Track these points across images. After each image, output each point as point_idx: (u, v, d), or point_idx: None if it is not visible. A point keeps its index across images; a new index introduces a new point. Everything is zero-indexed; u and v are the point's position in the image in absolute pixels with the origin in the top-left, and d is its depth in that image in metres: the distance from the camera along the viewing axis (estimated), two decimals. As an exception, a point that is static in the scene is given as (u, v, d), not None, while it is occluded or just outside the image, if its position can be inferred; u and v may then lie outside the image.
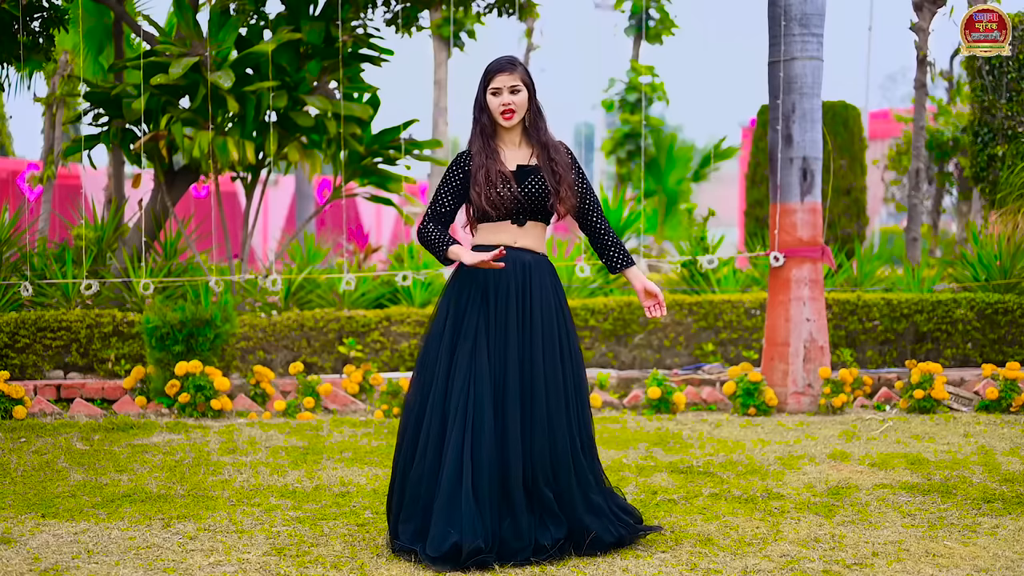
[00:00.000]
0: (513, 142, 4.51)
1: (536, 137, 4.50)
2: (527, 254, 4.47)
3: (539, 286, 4.43)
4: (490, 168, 4.40)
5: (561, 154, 4.51)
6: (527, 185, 4.43)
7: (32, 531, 4.67)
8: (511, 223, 4.45)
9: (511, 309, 4.38)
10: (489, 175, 4.39)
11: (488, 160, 4.42)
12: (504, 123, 4.44)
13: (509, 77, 4.41)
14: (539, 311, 4.41)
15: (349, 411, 7.75)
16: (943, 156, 14.41)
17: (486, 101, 4.45)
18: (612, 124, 21.71)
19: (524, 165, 4.47)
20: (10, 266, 8.92)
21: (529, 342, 4.37)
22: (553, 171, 4.45)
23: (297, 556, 4.34)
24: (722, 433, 7.03)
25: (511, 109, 4.42)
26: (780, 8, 7.79)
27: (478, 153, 4.45)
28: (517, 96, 4.42)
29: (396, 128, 9.19)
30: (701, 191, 20.70)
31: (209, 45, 8.48)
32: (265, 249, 17.44)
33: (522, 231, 4.46)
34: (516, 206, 4.42)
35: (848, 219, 12.73)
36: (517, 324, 4.37)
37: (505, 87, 4.41)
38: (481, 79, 4.47)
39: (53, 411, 7.49)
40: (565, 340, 4.45)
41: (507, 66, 4.43)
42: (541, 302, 4.42)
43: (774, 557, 4.35)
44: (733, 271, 9.89)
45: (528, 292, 4.41)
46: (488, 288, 4.41)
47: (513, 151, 4.50)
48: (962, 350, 8.74)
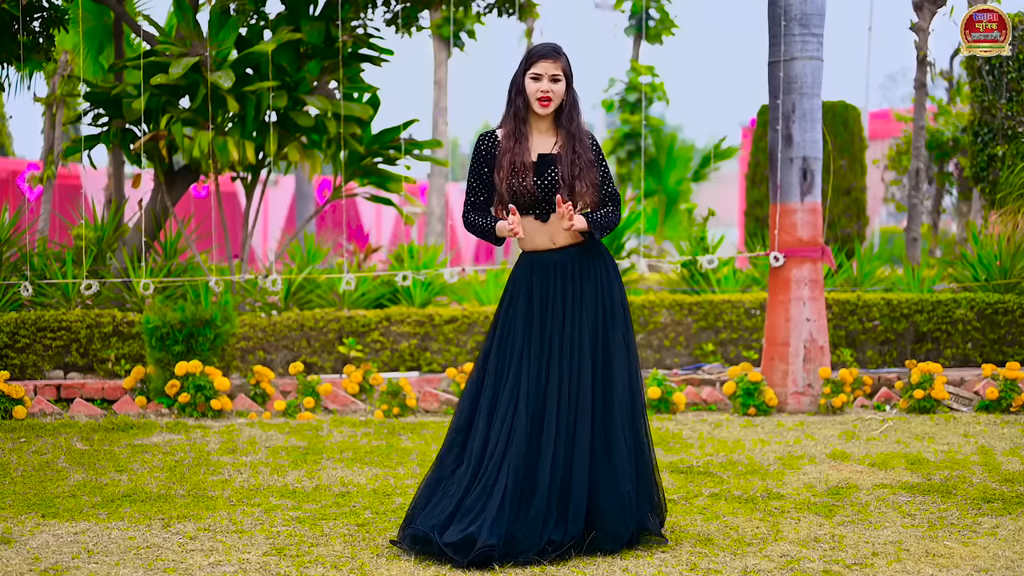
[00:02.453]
0: (543, 129, 4.48)
1: (567, 127, 4.46)
2: (568, 254, 4.43)
3: (590, 286, 4.41)
4: (516, 154, 4.39)
5: (586, 147, 4.44)
6: (546, 176, 4.41)
7: (32, 531, 4.67)
8: (534, 218, 4.43)
9: (556, 317, 4.37)
10: (514, 162, 4.38)
11: (516, 145, 4.40)
12: (540, 110, 4.41)
13: (552, 65, 4.39)
14: (590, 314, 4.40)
15: (349, 411, 7.75)
16: (943, 156, 14.41)
17: (524, 84, 4.41)
18: (612, 124, 21.72)
19: (545, 154, 4.44)
20: (10, 266, 8.92)
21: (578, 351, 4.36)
22: (574, 162, 4.40)
23: (297, 556, 4.34)
24: (722, 433, 7.03)
25: (548, 97, 4.39)
26: (780, 8, 7.79)
27: (507, 137, 4.43)
28: (556, 85, 4.40)
29: (396, 128, 9.19)
30: (701, 191, 20.71)
31: (209, 45, 8.48)
32: (265, 249, 17.44)
33: (548, 227, 4.43)
34: (532, 200, 4.41)
35: (848, 219, 12.73)
36: (561, 330, 4.37)
37: (547, 74, 4.38)
38: (523, 61, 4.43)
39: (53, 411, 7.49)
40: (613, 338, 4.41)
41: (552, 53, 4.40)
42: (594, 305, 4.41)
43: (774, 557, 4.35)
44: (733, 271, 9.89)
45: (579, 295, 4.40)
46: (534, 297, 4.41)
47: (540, 138, 4.47)
48: (962, 350, 8.74)
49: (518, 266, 4.50)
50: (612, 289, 4.47)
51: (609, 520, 4.34)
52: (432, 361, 8.45)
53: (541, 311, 4.39)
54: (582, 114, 4.50)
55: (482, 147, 4.48)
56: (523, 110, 4.43)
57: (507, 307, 4.47)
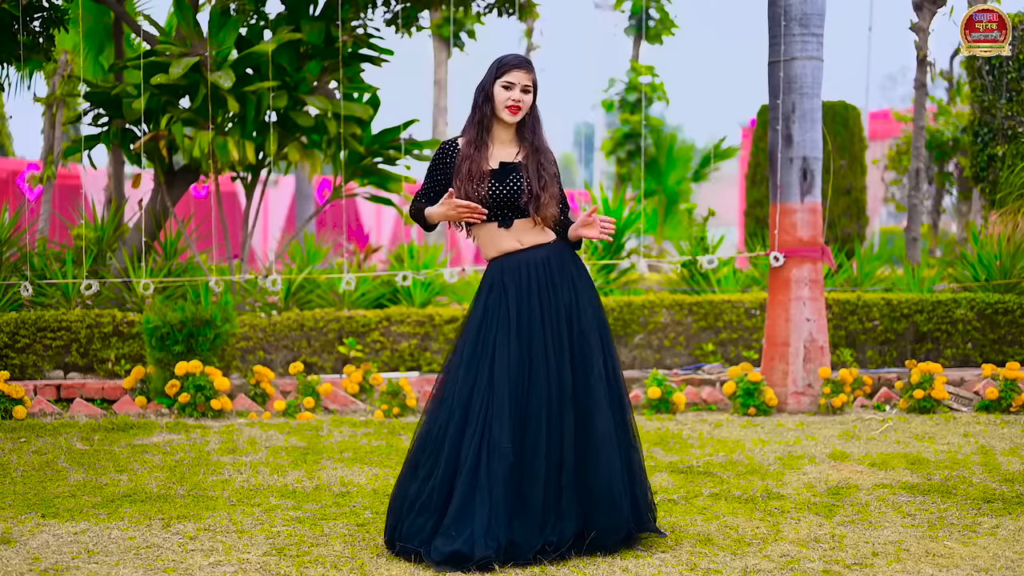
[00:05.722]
0: (504, 139, 4.50)
1: (530, 138, 4.49)
2: (539, 251, 4.45)
3: (564, 283, 4.42)
4: (475, 161, 4.41)
5: (550, 161, 4.50)
6: (509, 183, 4.42)
7: (32, 531, 4.67)
8: (497, 225, 4.44)
9: (534, 313, 4.36)
10: (471, 170, 4.41)
11: (475, 152, 4.43)
12: (508, 118, 4.43)
13: (526, 75, 4.42)
14: (565, 310, 4.39)
15: (349, 411, 7.75)
16: (943, 156, 14.42)
17: (493, 91, 4.43)
18: (612, 124, 21.72)
19: (508, 162, 4.46)
20: (10, 266, 8.92)
21: (557, 347, 4.35)
22: (539, 175, 4.44)
23: (297, 556, 4.34)
24: (722, 433, 7.03)
25: (519, 106, 4.42)
26: (780, 8, 7.79)
27: (468, 144, 4.46)
28: (527, 96, 4.43)
29: (396, 128, 9.19)
30: (701, 191, 20.70)
31: (209, 45, 8.48)
32: (265, 249, 17.43)
33: (513, 232, 4.45)
34: (494, 203, 4.41)
35: (848, 219, 12.74)
36: (541, 326, 4.36)
37: (519, 83, 4.41)
38: (494, 69, 4.44)
39: (53, 411, 7.49)
40: (590, 330, 4.42)
41: (526, 63, 4.45)
42: (568, 300, 4.41)
43: (774, 557, 4.35)
44: (733, 271, 9.89)
45: (551, 291, 4.40)
46: (509, 294, 4.39)
47: (502, 148, 4.49)
48: (962, 350, 8.74)
49: (488, 271, 4.49)
50: (584, 283, 4.49)
51: (606, 516, 4.34)
52: (432, 361, 8.45)
53: (518, 308, 4.37)
54: (544, 130, 4.55)
55: (442, 153, 4.54)
56: (489, 117, 4.46)
57: (482, 310, 4.42)
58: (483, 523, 4.16)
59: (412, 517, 4.30)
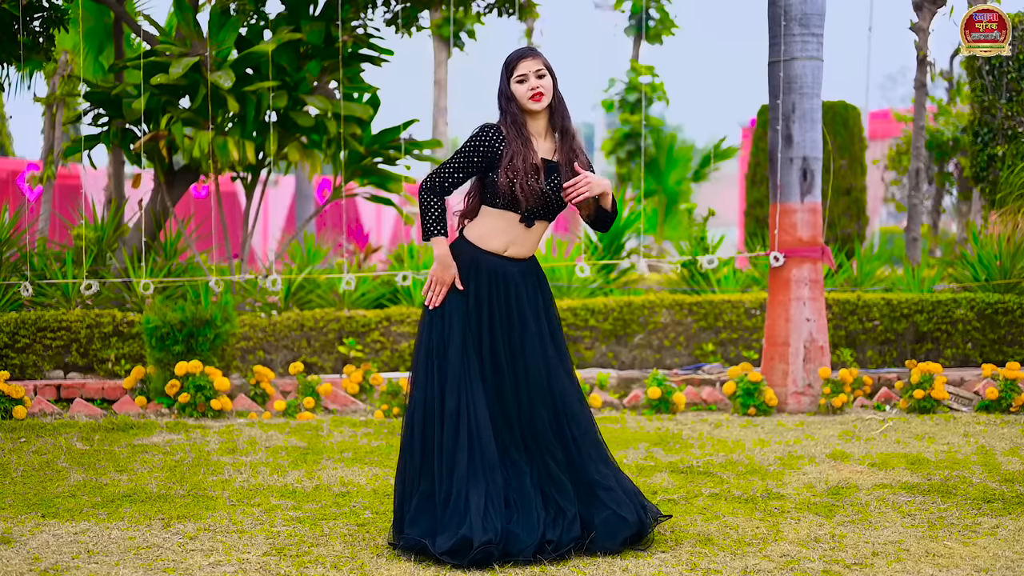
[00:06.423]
0: (539, 132, 4.50)
1: (561, 124, 4.49)
2: (513, 266, 4.46)
3: (526, 295, 4.47)
4: (526, 156, 4.39)
5: (582, 150, 4.51)
6: (551, 182, 4.44)
7: (32, 531, 4.67)
8: (520, 220, 4.44)
9: (496, 309, 4.41)
10: (526, 163, 4.39)
11: (524, 147, 4.40)
12: (534, 106, 4.42)
13: (533, 62, 4.42)
14: (526, 308, 4.45)
15: (349, 411, 7.75)
16: (943, 156, 14.41)
17: (512, 91, 4.43)
18: (612, 124, 21.71)
19: (548, 160, 4.48)
20: (10, 266, 8.92)
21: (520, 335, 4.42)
22: (576, 171, 4.45)
23: (297, 556, 4.34)
24: (722, 433, 7.03)
25: (540, 92, 4.41)
26: (780, 8, 7.79)
27: (514, 139, 4.41)
28: (543, 80, 4.43)
29: (396, 128, 9.19)
30: (701, 191, 20.70)
31: (209, 45, 8.48)
32: (265, 249, 17.43)
33: (527, 233, 4.46)
34: (539, 201, 4.42)
35: (848, 219, 12.73)
36: (502, 321, 4.41)
37: (531, 72, 4.41)
38: (504, 71, 4.45)
39: (53, 411, 7.49)
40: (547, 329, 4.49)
41: (530, 52, 4.46)
42: (527, 303, 4.46)
43: (774, 557, 4.35)
44: (733, 271, 9.89)
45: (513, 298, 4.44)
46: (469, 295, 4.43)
47: (539, 143, 4.49)
48: (962, 350, 8.74)
49: (460, 263, 4.43)
50: (545, 295, 4.54)
51: (604, 513, 4.35)
52: (432, 361, 8.44)
53: (478, 314, 4.41)
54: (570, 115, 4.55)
55: (484, 137, 4.42)
56: (519, 115, 4.45)
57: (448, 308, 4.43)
58: (479, 513, 4.18)
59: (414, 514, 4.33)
